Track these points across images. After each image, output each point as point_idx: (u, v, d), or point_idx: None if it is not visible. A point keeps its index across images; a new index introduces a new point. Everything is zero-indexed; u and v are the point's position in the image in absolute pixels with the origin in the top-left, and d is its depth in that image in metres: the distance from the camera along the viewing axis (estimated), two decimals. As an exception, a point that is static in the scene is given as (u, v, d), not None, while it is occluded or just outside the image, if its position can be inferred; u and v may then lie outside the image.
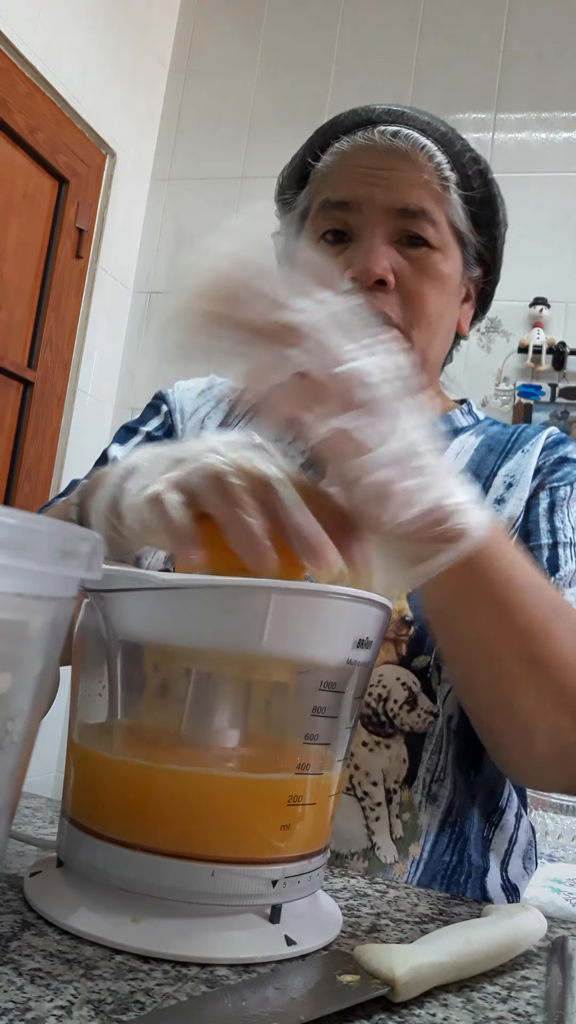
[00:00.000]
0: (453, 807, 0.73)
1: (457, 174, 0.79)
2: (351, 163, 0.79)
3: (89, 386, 2.56)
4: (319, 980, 0.40)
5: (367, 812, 0.71)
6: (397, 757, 0.72)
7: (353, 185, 0.78)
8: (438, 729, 0.72)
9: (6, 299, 2.25)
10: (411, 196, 0.77)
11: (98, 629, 0.45)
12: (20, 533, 0.31)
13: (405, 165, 0.77)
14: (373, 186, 0.77)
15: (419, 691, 0.72)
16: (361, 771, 0.72)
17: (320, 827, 0.48)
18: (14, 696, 0.33)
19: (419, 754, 0.72)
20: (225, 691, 0.47)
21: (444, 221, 0.79)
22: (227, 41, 2.76)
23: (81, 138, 2.44)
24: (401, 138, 0.77)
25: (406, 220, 0.77)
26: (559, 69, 2.45)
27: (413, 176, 0.77)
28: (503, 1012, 0.40)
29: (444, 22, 2.56)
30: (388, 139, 0.77)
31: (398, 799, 0.71)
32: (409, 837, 0.72)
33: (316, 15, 2.68)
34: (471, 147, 0.82)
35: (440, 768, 0.73)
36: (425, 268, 0.78)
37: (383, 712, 0.72)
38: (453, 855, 0.73)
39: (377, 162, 0.77)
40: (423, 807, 0.72)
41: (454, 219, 0.80)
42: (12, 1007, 0.35)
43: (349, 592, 0.46)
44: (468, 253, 0.83)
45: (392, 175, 0.77)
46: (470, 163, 0.81)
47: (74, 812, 0.46)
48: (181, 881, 0.43)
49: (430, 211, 0.77)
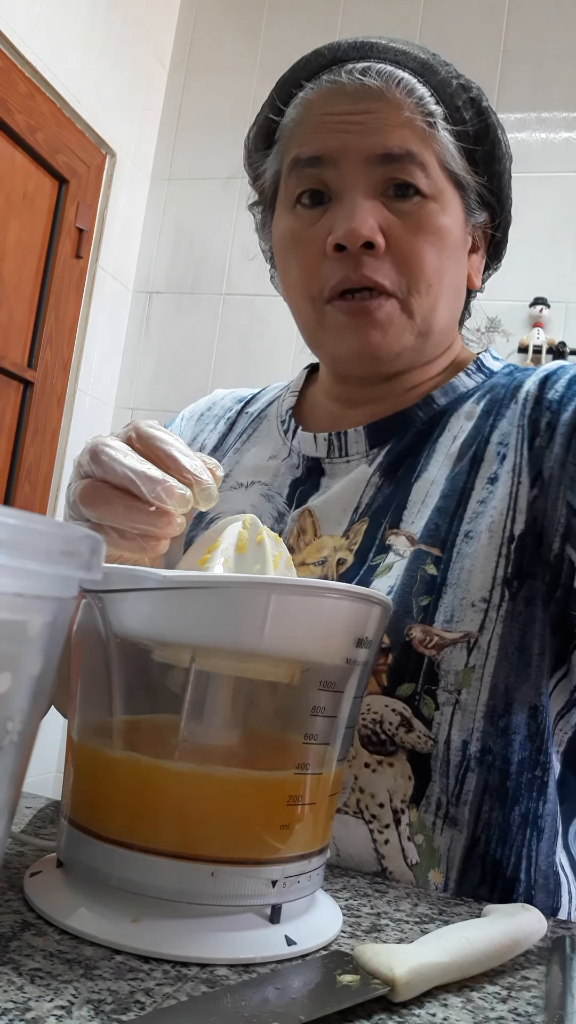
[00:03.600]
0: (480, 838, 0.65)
1: (444, 107, 0.69)
2: (318, 112, 0.69)
3: (89, 386, 2.56)
4: (319, 980, 0.40)
5: (375, 835, 0.66)
6: (402, 775, 0.65)
7: (324, 136, 0.68)
8: (441, 752, 0.65)
9: (6, 299, 2.25)
10: (392, 137, 0.66)
11: (97, 628, 0.45)
12: (20, 533, 0.31)
13: (381, 105, 0.67)
14: (346, 133, 0.67)
15: (411, 716, 0.65)
16: (367, 793, 0.66)
17: (320, 827, 0.48)
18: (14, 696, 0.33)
19: (427, 773, 0.65)
20: (224, 690, 0.47)
21: (435, 163, 0.69)
22: (227, 41, 2.76)
23: (81, 138, 2.44)
24: (372, 74, 0.66)
25: (390, 167, 0.67)
26: (559, 69, 2.45)
27: (392, 116, 0.66)
28: (503, 1012, 0.40)
29: (444, 22, 2.56)
30: (357, 78, 0.67)
31: (407, 819, 0.65)
32: (426, 863, 0.65)
33: (316, 15, 2.67)
34: (458, 73, 0.71)
35: (453, 793, 0.65)
36: (419, 222, 0.68)
37: (381, 732, 0.66)
38: (493, 892, 0.65)
39: (348, 106, 0.67)
40: (438, 828, 0.65)
41: (446, 159, 0.69)
42: (12, 1007, 0.35)
43: (349, 590, 0.46)
44: (468, 197, 0.72)
45: (366, 118, 0.67)
46: (458, 92, 0.70)
47: (74, 812, 0.46)
48: (181, 881, 0.43)
49: (417, 153, 0.67)
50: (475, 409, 0.75)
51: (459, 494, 0.70)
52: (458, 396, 0.77)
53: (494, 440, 0.71)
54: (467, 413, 0.75)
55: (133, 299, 2.73)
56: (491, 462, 0.70)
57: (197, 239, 2.71)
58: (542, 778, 0.66)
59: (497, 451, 0.71)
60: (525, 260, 2.38)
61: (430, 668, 0.65)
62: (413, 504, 0.71)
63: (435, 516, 0.70)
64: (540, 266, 2.37)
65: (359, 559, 0.71)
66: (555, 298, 2.35)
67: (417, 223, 0.68)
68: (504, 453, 0.70)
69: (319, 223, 0.70)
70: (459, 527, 0.69)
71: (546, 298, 2.34)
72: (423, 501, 0.71)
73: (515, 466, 0.69)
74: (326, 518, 0.74)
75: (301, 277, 0.72)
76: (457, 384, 0.77)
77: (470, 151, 0.72)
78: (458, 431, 0.74)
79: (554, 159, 2.44)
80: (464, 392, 0.77)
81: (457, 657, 0.65)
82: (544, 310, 2.33)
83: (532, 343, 2.31)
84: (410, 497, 0.72)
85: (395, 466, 0.75)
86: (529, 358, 2.32)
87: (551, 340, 2.31)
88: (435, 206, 0.69)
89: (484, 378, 0.78)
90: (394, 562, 0.69)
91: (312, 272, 0.71)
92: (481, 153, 0.72)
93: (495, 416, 0.73)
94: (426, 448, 0.75)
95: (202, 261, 2.69)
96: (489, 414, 0.74)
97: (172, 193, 2.75)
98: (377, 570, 0.69)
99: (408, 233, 0.68)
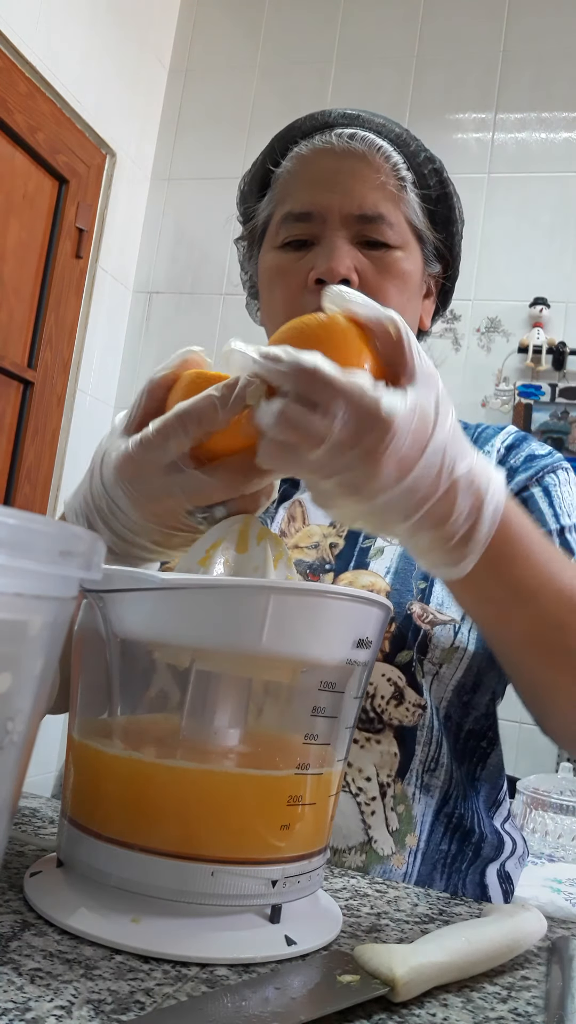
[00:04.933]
0: (449, 797, 0.75)
1: (413, 173, 0.81)
2: (310, 167, 0.81)
3: (89, 386, 2.56)
4: (319, 980, 0.40)
5: (363, 807, 0.73)
6: (388, 752, 0.74)
7: (313, 193, 0.79)
8: (427, 720, 0.74)
9: (6, 299, 2.25)
10: (368, 201, 0.78)
11: (97, 628, 0.45)
12: (20, 533, 0.31)
13: (362, 166, 0.79)
14: (331, 192, 0.78)
15: (404, 685, 0.74)
16: (354, 768, 0.73)
17: (320, 827, 0.48)
18: (14, 696, 0.33)
19: (411, 747, 0.74)
20: (225, 691, 0.47)
21: (402, 221, 0.81)
22: (227, 41, 2.76)
23: (81, 138, 2.44)
24: (358, 140, 0.79)
25: (364, 225, 0.79)
26: (559, 69, 2.45)
27: (371, 177, 0.79)
28: (503, 1012, 0.40)
29: (444, 22, 2.56)
30: (345, 141, 0.79)
31: (392, 792, 0.73)
32: (405, 828, 0.73)
33: (316, 15, 2.68)
34: (425, 147, 0.85)
35: (432, 759, 0.74)
36: (386, 266, 0.79)
37: (371, 708, 0.74)
38: (452, 843, 0.74)
39: (335, 164, 0.79)
40: (416, 798, 0.74)
41: (412, 218, 0.81)
42: (12, 1007, 0.35)
43: (349, 592, 0.46)
44: (427, 250, 0.84)
45: (350, 179, 0.79)
46: (425, 162, 0.83)
47: (74, 812, 0.46)
48: (181, 881, 0.43)
49: (387, 215, 0.79)
50: None
51: None
52: None
53: None
54: None
55: (133, 299, 2.73)
56: None
57: (197, 239, 2.71)
58: (485, 749, 0.80)
59: None
60: (525, 260, 2.38)
61: (424, 640, 0.75)
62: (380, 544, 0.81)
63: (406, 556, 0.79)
64: (540, 266, 2.37)
65: (350, 542, 0.81)
66: (555, 298, 2.35)
67: (385, 268, 0.79)
68: None
69: (302, 260, 0.80)
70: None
71: (546, 298, 2.34)
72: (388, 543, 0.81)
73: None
74: (314, 509, 0.83)
75: (284, 305, 0.81)
76: None
77: (432, 212, 0.84)
78: None
79: (554, 159, 2.44)
80: None
81: (445, 636, 0.76)
82: (544, 310, 2.33)
83: (532, 343, 2.31)
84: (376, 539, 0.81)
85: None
86: (529, 358, 2.32)
87: (551, 340, 2.31)
88: (400, 254, 0.80)
89: None
90: (384, 546, 0.80)
91: (293, 301, 0.80)
92: (440, 214, 0.85)
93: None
94: None
95: (202, 261, 2.69)
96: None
97: (172, 193, 2.75)
98: (370, 552, 0.80)
99: (377, 275, 0.79)
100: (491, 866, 0.77)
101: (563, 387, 2.32)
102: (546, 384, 2.33)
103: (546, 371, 2.34)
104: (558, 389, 2.32)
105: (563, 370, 2.33)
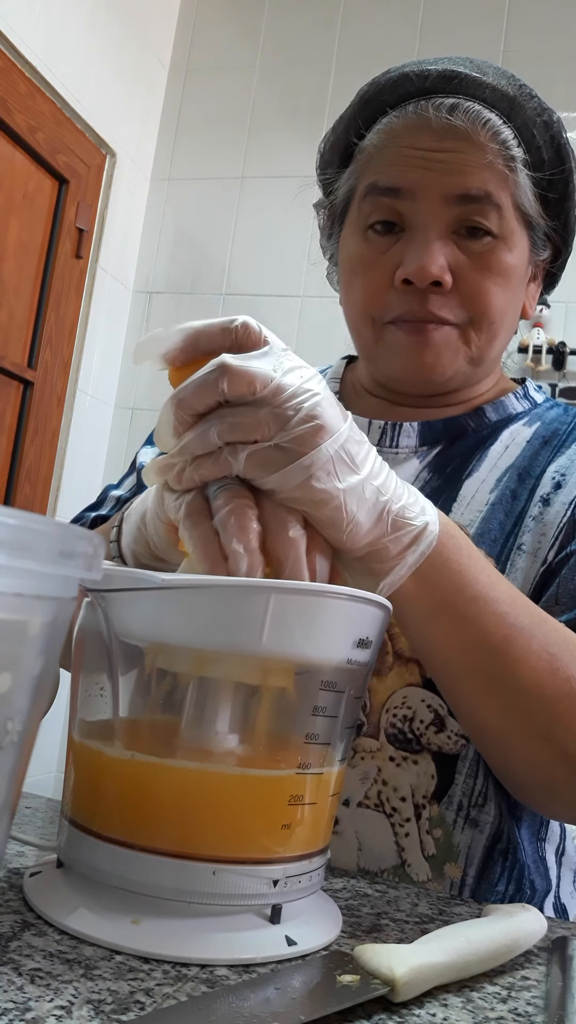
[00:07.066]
0: (502, 834, 0.69)
1: (525, 150, 0.69)
2: (401, 144, 0.69)
3: (89, 386, 2.56)
4: (319, 980, 0.40)
5: (396, 828, 0.68)
6: (425, 773, 0.68)
7: (404, 169, 0.68)
8: (472, 752, 0.68)
9: (6, 299, 2.25)
10: (472, 179, 0.67)
11: (98, 629, 0.45)
12: (20, 533, 0.31)
13: (465, 145, 0.67)
14: (427, 170, 0.67)
15: (446, 714, 0.68)
16: (389, 786, 0.68)
17: (320, 827, 0.48)
18: (14, 696, 0.33)
19: (451, 774, 0.68)
20: (225, 691, 0.47)
21: (510, 204, 0.69)
22: (227, 41, 2.76)
23: (81, 138, 2.44)
24: (460, 113, 0.66)
25: (466, 207, 0.68)
26: (559, 69, 2.45)
27: (475, 158, 0.67)
28: (503, 1012, 0.40)
29: (444, 22, 2.56)
30: (445, 117, 0.66)
31: (427, 814, 0.68)
32: (443, 856, 0.68)
33: (316, 15, 2.67)
34: (542, 107, 0.71)
35: (480, 793, 0.68)
36: (487, 263, 0.69)
37: (409, 731, 0.69)
38: (510, 884, 0.69)
39: (432, 142, 0.67)
40: (459, 828, 0.68)
41: (521, 201, 0.70)
42: (12, 1007, 0.35)
43: (348, 592, 0.46)
44: (536, 235, 0.73)
45: (450, 157, 0.67)
46: (541, 130, 0.71)
47: (74, 812, 0.46)
48: (181, 881, 0.43)
49: (494, 194, 0.68)
50: (526, 431, 0.78)
51: (511, 502, 0.73)
52: (508, 415, 0.80)
53: (551, 469, 0.74)
54: (518, 432, 0.78)
55: (133, 299, 2.73)
56: (546, 485, 0.73)
57: (197, 239, 2.71)
58: None
59: (553, 477, 0.73)
60: (525, 260, 2.38)
61: None
62: (463, 499, 0.73)
63: (490, 518, 0.72)
64: (540, 266, 2.37)
65: None
66: (555, 298, 2.33)
67: (486, 264, 0.70)
68: (560, 482, 0.73)
69: (389, 252, 0.71)
70: (513, 541, 0.71)
71: (546, 298, 2.33)
72: (473, 497, 0.73)
73: (572, 500, 0.71)
74: None
75: (364, 300, 0.73)
76: (507, 404, 0.80)
77: (545, 194, 0.72)
78: (510, 443, 0.77)
79: (554, 159, 2.44)
80: (514, 413, 0.80)
81: None
82: (544, 310, 2.33)
83: (532, 343, 2.31)
84: (460, 492, 0.74)
85: (444, 465, 0.76)
86: (529, 358, 2.32)
87: (551, 340, 2.31)
88: (504, 247, 0.70)
89: (530, 406, 0.81)
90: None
91: (376, 298, 0.72)
92: (555, 196, 0.73)
93: (555, 449, 0.75)
94: (477, 453, 0.76)
95: (202, 261, 2.69)
96: (547, 443, 0.76)
97: (172, 193, 2.75)
98: None
99: (476, 272, 0.69)
100: (547, 900, 0.72)
101: (563, 387, 2.32)
102: (546, 384, 2.33)
103: (546, 371, 2.34)
104: (558, 389, 2.32)
105: (563, 370, 2.32)
